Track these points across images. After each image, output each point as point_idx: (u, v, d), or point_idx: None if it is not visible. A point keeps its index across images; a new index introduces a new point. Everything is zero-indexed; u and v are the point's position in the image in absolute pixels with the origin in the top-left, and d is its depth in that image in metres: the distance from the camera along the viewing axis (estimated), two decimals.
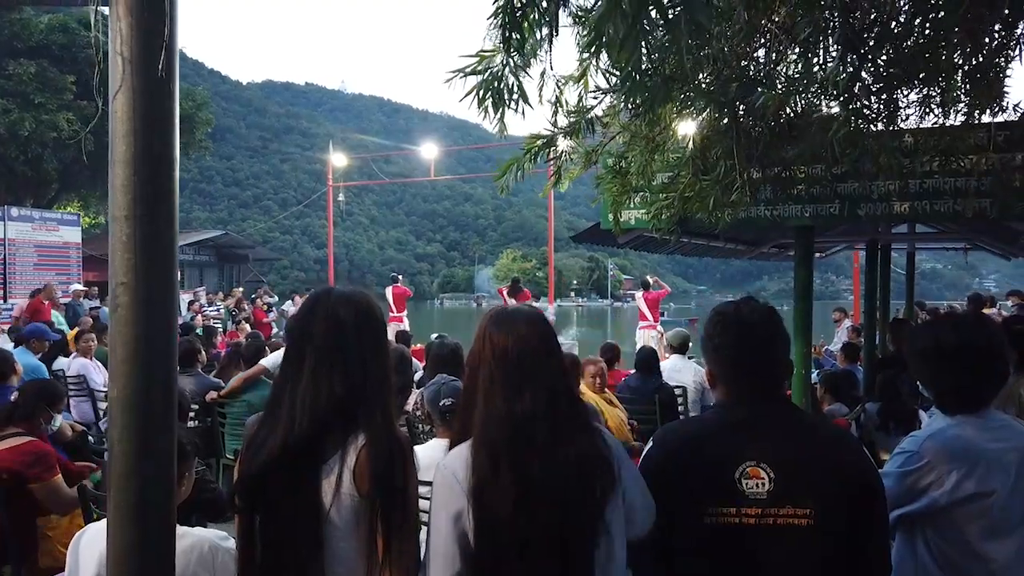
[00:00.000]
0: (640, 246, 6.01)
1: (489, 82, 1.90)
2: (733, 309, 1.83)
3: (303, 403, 1.61)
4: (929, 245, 9.02)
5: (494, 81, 1.90)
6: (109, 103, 1.50)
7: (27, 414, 3.72)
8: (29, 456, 3.46)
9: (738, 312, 1.82)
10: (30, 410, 3.75)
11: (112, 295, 1.50)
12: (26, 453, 3.47)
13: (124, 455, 1.48)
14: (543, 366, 1.68)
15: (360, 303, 1.72)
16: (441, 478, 1.64)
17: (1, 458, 3.43)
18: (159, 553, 1.52)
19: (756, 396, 1.76)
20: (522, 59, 1.91)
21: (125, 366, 1.48)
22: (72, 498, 3.57)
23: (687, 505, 1.69)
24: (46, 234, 17.06)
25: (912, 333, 2.28)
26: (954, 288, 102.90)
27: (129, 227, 1.48)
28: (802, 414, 1.90)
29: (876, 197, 3.62)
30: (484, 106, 1.94)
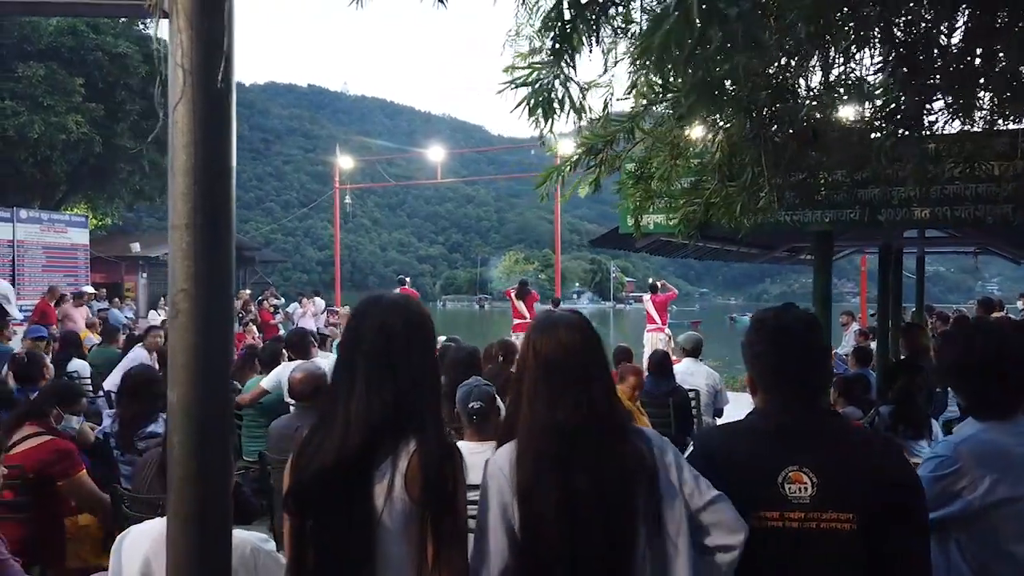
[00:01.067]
0: (656, 250, 6.05)
1: (540, 92, 1.92)
2: (774, 316, 1.85)
3: (357, 412, 1.62)
4: (939, 249, 9.04)
5: (544, 92, 1.93)
6: (169, 114, 1.53)
7: (39, 413, 3.72)
8: (53, 454, 3.49)
9: (779, 319, 1.84)
10: (40, 409, 3.75)
11: (172, 302, 1.52)
12: (50, 451, 3.50)
13: (184, 459, 1.51)
14: (585, 372, 1.70)
15: (411, 309, 1.74)
16: (490, 474, 1.67)
17: (26, 457, 3.45)
18: (216, 555, 1.54)
19: (797, 403, 1.77)
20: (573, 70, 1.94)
21: (184, 372, 1.51)
22: (100, 495, 3.59)
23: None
24: (54, 236, 17.12)
25: (944, 341, 2.31)
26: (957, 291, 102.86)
27: (189, 235, 1.51)
28: (843, 421, 1.92)
29: (896, 203, 3.65)
30: (535, 117, 1.97)
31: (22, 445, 3.51)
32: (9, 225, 15.97)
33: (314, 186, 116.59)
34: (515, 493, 1.61)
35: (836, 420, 1.88)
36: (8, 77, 18.43)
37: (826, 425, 1.78)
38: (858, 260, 16.57)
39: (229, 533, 1.57)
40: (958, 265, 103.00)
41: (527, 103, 1.95)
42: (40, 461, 3.44)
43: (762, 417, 1.83)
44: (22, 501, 3.34)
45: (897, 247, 6.88)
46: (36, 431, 3.60)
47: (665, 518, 1.63)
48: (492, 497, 1.64)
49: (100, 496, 3.50)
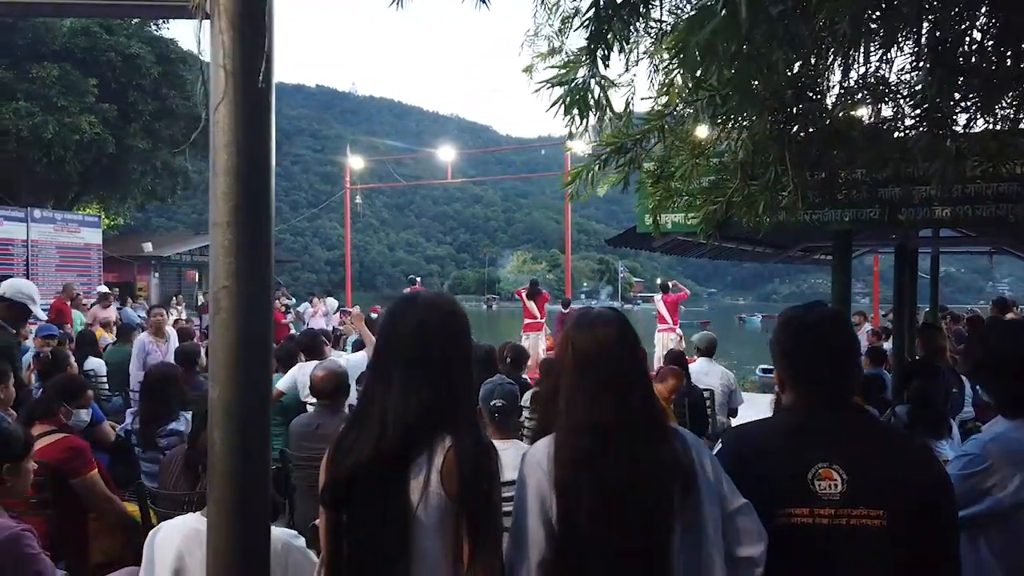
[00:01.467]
0: (672, 249, 6.05)
1: (575, 92, 1.94)
2: (803, 314, 1.85)
3: (394, 411, 1.63)
4: (954, 249, 8.99)
5: (579, 92, 1.94)
6: (210, 114, 1.55)
7: (46, 411, 3.72)
8: (66, 451, 3.49)
9: (808, 316, 1.84)
10: (47, 407, 3.75)
11: (214, 299, 1.54)
12: (62, 449, 3.50)
13: (224, 455, 1.53)
14: (623, 370, 1.71)
15: (446, 308, 1.75)
16: (528, 466, 1.68)
17: (42, 455, 3.47)
18: (256, 550, 1.56)
19: (826, 401, 1.78)
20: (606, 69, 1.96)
21: (226, 369, 1.53)
22: (110, 496, 3.60)
23: (760, 506, 1.70)
24: (68, 235, 17.23)
25: (973, 340, 2.31)
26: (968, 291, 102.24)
27: (231, 233, 1.52)
28: (872, 419, 1.92)
29: (917, 202, 3.64)
30: (571, 115, 1.98)
31: (37, 444, 3.52)
32: (23, 225, 16.08)
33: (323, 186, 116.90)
34: (553, 487, 1.62)
35: (866, 418, 1.87)
36: (23, 78, 18.56)
37: (856, 423, 1.78)
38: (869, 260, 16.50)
39: (268, 527, 1.59)
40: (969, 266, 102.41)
41: (562, 102, 1.96)
42: (54, 459, 3.45)
43: (791, 415, 1.84)
44: (45, 498, 3.37)
45: (912, 247, 6.86)
46: (48, 429, 3.61)
47: (704, 518, 1.63)
48: (530, 491, 1.65)
49: (110, 497, 3.51)
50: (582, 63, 1.96)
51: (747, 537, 1.69)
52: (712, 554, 1.64)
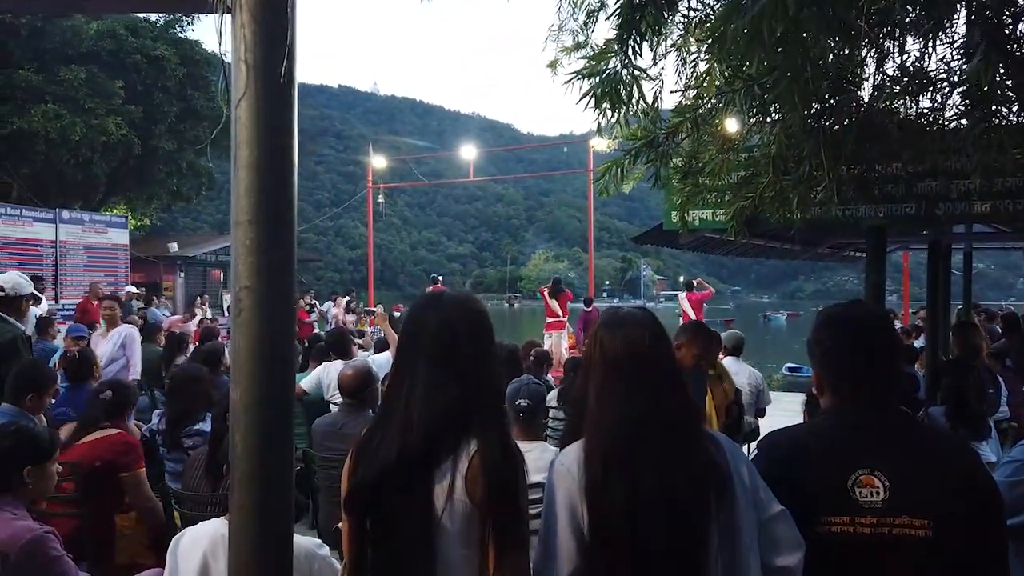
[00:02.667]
0: (698, 247, 5.95)
1: (607, 83, 1.87)
2: (845, 312, 1.78)
3: (418, 411, 1.60)
4: (988, 245, 8.79)
5: (612, 84, 1.88)
6: (232, 109, 1.52)
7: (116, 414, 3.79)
8: (123, 445, 3.56)
9: (850, 315, 1.76)
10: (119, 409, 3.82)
11: (235, 299, 1.51)
12: (119, 442, 3.57)
13: (247, 455, 1.49)
14: (654, 371, 1.66)
15: (471, 308, 1.71)
16: (558, 474, 1.63)
17: (94, 447, 3.51)
18: (278, 551, 1.53)
19: (868, 403, 1.70)
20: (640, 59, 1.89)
21: (247, 370, 1.49)
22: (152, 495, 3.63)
23: (797, 514, 1.64)
24: (95, 236, 17.45)
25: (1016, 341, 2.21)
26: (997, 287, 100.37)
27: (253, 231, 1.49)
28: (916, 422, 1.83)
29: (955, 196, 3.53)
30: (602, 108, 1.92)
31: (90, 436, 3.58)
32: (52, 226, 16.31)
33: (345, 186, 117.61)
34: (583, 493, 1.57)
35: (909, 421, 1.79)
36: (50, 80, 18.82)
37: (898, 426, 1.70)
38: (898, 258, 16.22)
39: (290, 530, 1.56)
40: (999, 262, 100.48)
41: (593, 94, 1.89)
42: (110, 451, 3.50)
43: (831, 418, 1.76)
44: (78, 495, 3.39)
45: (946, 243, 6.70)
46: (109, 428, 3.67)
47: (740, 523, 1.57)
48: (560, 499, 1.60)
49: (152, 496, 3.54)
50: (613, 53, 1.90)
51: (784, 546, 1.63)
52: (748, 561, 1.58)
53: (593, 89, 1.90)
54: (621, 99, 1.92)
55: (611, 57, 1.91)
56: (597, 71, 1.91)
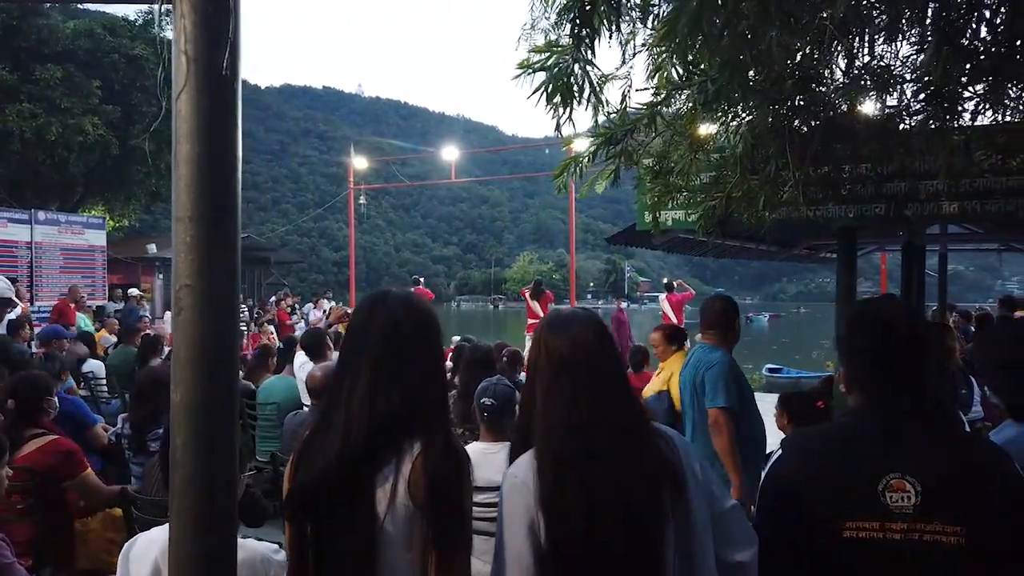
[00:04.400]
0: (673, 247, 5.95)
1: (558, 77, 1.84)
2: (876, 308, 1.72)
3: (360, 411, 1.56)
4: (962, 246, 8.87)
5: (563, 77, 1.85)
6: (173, 103, 1.47)
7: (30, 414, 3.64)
8: (57, 455, 3.44)
9: (881, 312, 1.70)
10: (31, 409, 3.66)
11: (176, 298, 1.46)
12: (53, 452, 3.45)
13: (187, 460, 1.45)
14: (600, 371, 1.63)
15: (418, 306, 1.67)
16: (511, 487, 1.59)
17: (31, 460, 3.40)
18: (222, 560, 1.48)
19: (899, 403, 1.62)
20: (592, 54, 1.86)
21: (189, 369, 1.45)
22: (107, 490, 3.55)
23: (823, 519, 1.59)
24: (72, 237, 17.20)
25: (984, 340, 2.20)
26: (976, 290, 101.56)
27: (193, 228, 1.45)
28: (948, 424, 1.77)
29: (924, 197, 3.53)
30: (553, 103, 1.89)
31: (26, 448, 3.46)
32: (27, 227, 16.06)
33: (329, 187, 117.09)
34: (539, 504, 1.53)
35: (939, 422, 1.71)
36: (26, 79, 18.54)
37: (929, 428, 1.62)
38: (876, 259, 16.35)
39: (234, 539, 1.51)
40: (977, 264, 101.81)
41: (544, 89, 1.86)
42: (46, 464, 3.39)
43: (860, 418, 1.69)
44: (31, 503, 3.30)
45: (920, 244, 6.74)
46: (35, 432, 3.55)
47: (695, 522, 1.55)
48: (515, 512, 1.55)
49: (108, 491, 3.46)
50: (566, 48, 1.87)
51: (739, 541, 1.62)
52: (704, 558, 1.56)
53: (544, 84, 1.87)
54: (572, 94, 1.89)
55: (564, 52, 1.89)
56: (548, 66, 1.88)
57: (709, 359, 3.78)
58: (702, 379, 3.75)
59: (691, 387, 3.84)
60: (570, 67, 1.88)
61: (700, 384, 3.76)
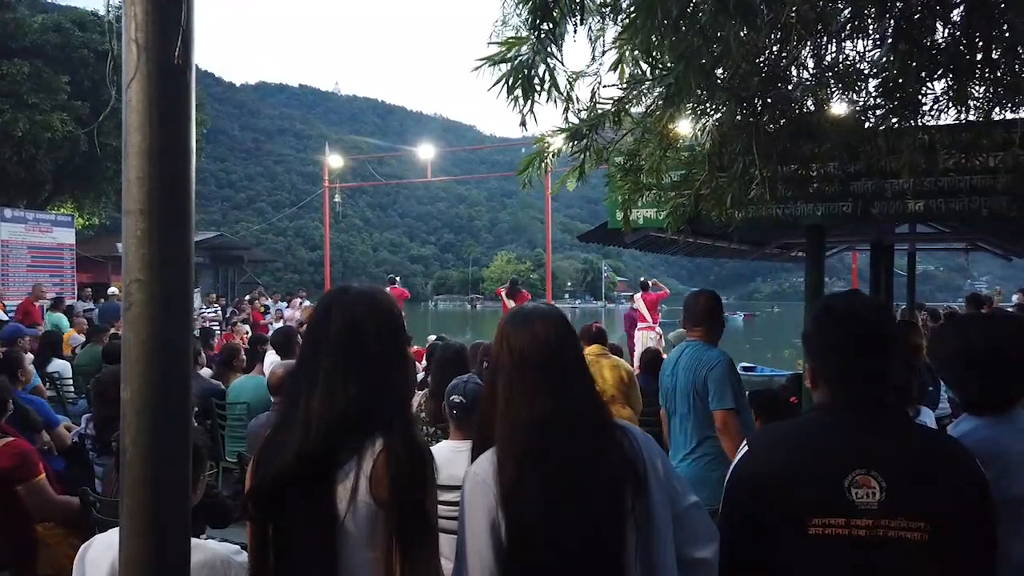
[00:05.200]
0: (645, 246, 5.96)
1: (519, 70, 1.82)
2: (842, 304, 1.71)
3: (319, 409, 1.53)
4: (930, 246, 9.00)
5: (524, 69, 1.83)
6: (123, 92, 1.44)
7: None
8: (13, 458, 3.32)
9: (850, 305, 1.70)
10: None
11: (125, 293, 1.43)
12: (9, 455, 3.33)
13: (138, 460, 1.41)
14: (562, 367, 1.62)
15: (378, 301, 1.64)
16: (472, 485, 1.57)
17: None
18: (174, 563, 1.45)
19: (865, 399, 1.63)
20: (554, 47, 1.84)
21: (139, 366, 1.41)
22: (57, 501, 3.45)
23: (789, 515, 1.58)
24: (39, 235, 16.90)
25: (939, 335, 2.21)
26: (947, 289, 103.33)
27: (144, 221, 1.41)
28: (910, 420, 1.75)
29: (890, 196, 3.57)
30: (514, 95, 1.87)
31: None
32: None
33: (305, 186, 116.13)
34: (500, 501, 1.51)
35: (908, 420, 1.72)
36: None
37: (893, 423, 1.63)
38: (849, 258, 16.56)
39: (187, 542, 1.48)
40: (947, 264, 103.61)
41: (505, 81, 1.84)
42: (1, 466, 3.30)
43: (825, 414, 1.68)
44: None
45: (888, 243, 6.83)
46: None
47: (657, 518, 1.54)
48: (477, 511, 1.54)
49: (57, 502, 3.37)
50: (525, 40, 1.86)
51: (700, 537, 1.62)
52: (665, 555, 1.55)
53: (505, 76, 1.85)
54: (533, 87, 1.87)
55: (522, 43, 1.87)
56: (508, 58, 1.86)
57: (708, 359, 3.61)
58: (704, 380, 3.57)
59: (689, 388, 3.64)
60: (531, 60, 1.86)
61: (702, 385, 3.57)
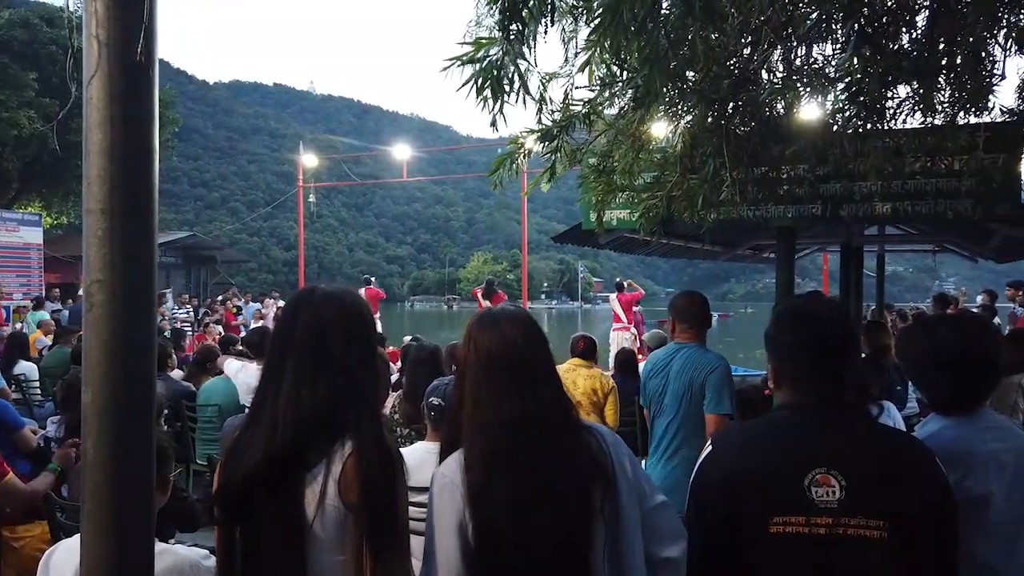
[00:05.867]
0: (620, 247, 5.99)
1: (488, 71, 1.82)
2: (807, 305, 1.73)
3: (285, 409, 1.51)
4: (899, 247, 9.16)
5: (493, 70, 1.83)
6: (83, 89, 1.41)
7: None
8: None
9: (809, 307, 1.72)
10: None
11: (86, 293, 1.40)
12: None
13: (99, 463, 1.39)
14: (530, 368, 1.62)
15: (346, 302, 1.63)
16: (440, 487, 1.57)
17: None
18: (138, 565, 1.42)
19: (825, 398, 1.65)
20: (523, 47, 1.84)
21: (101, 368, 1.39)
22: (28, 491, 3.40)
23: (751, 514, 1.59)
24: (6, 235, 16.54)
25: (907, 336, 2.24)
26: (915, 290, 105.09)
27: (105, 220, 1.39)
28: (871, 419, 1.77)
29: (858, 198, 3.63)
30: (483, 95, 1.86)
31: None
32: None
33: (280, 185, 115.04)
34: (467, 502, 1.51)
35: (868, 419, 1.73)
36: None
37: (853, 423, 1.65)
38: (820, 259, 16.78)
39: (150, 547, 1.45)
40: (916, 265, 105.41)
41: (474, 81, 1.84)
42: None
43: (787, 413, 1.70)
44: None
45: (858, 245, 6.93)
46: None
47: (625, 517, 1.55)
48: (444, 512, 1.54)
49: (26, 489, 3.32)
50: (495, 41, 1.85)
51: (667, 537, 1.62)
52: (633, 555, 1.56)
53: (474, 76, 1.85)
54: (503, 87, 1.87)
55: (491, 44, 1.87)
56: (477, 58, 1.86)
57: (708, 362, 3.56)
58: (702, 383, 3.52)
59: (686, 390, 3.56)
60: (500, 61, 1.86)
61: (699, 388, 3.52)
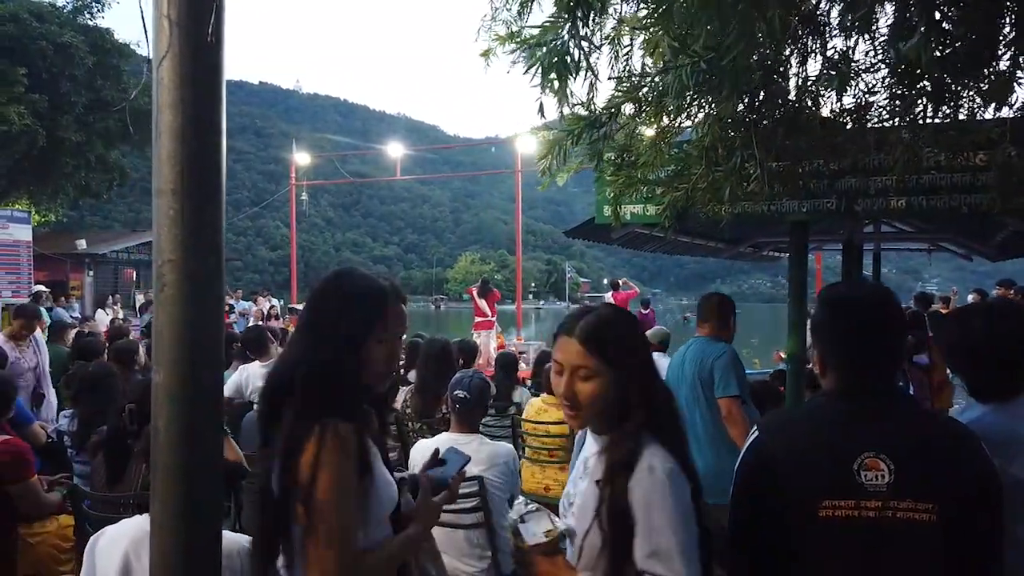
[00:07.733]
0: (628, 243, 6.01)
1: (555, 53, 1.82)
2: (852, 291, 1.76)
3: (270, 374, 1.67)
4: (895, 246, 9.24)
5: (559, 54, 1.83)
6: (154, 69, 1.40)
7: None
8: (8, 455, 3.27)
9: (853, 293, 1.75)
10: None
11: (157, 275, 1.40)
12: (4, 452, 3.27)
13: (170, 446, 1.38)
14: None
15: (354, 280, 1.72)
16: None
17: None
18: (206, 550, 1.42)
19: (872, 383, 1.66)
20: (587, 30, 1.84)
21: (172, 350, 1.38)
22: (46, 501, 3.40)
23: (800, 499, 1.60)
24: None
25: (943, 325, 2.28)
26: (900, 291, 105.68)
27: (176, 201, 1.38)
28: (919, 405, 1.80)
29: (873, 192, 3.65)
30: (549, 79, 1.86)
31: None
32: None
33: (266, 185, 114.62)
34: None
35: (914, 404, 1.76)
36: None
37: (901, 408, 1.67)
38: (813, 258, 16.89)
39: (219, 527, 1.45)
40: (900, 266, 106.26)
41: (540, 65, 1.84)
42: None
43: (835, 398, 1.72)
44: None
45: (859, 242, 6.97)
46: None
47: None
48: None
49: (47, 501, 3.31)
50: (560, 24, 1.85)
51: None
52: None
53: (540, 60, 1.85)
54: (569, 69, 1.87)
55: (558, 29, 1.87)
56: (543, 41, 1.86)
57: (714, 350, 3.83)
58: (710, 369, 3.75)
59: (694, 380, 3.81)
60: (566, 44, 1.86)
61: (707, 376, 3.75)
